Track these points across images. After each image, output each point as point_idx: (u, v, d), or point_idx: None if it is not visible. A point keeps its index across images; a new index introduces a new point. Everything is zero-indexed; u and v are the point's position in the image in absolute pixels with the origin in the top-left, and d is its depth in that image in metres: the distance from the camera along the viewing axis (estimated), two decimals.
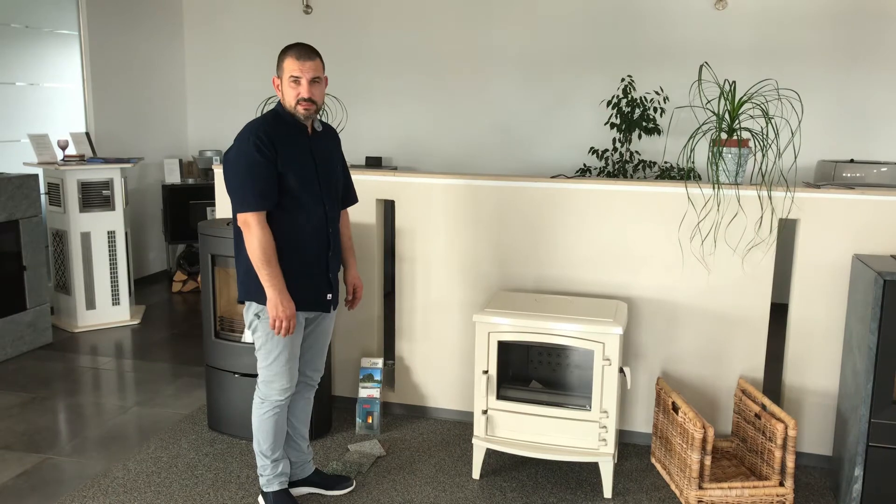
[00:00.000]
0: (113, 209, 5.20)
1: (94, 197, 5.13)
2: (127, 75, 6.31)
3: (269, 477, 2.80)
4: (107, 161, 5.21)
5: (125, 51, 6.27)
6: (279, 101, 2.60)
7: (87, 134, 5.52)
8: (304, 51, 2.52)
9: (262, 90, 6.32)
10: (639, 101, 5.62)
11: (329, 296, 2.70)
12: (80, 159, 5.18)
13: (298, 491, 2.93)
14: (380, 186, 3.64)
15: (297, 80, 2.50)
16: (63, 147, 5.18)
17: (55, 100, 5.75)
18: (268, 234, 2.48)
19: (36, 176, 4.78)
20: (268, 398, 2.70)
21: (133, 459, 3.26)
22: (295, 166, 2.54)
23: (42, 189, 5.24)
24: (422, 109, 6.40)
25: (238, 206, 2.50)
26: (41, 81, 5.63)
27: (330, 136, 2.77)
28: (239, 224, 2.52)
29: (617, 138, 5.71)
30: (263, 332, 2.61)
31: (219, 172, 3.84)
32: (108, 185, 5.17)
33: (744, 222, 3.21)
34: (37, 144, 5.14)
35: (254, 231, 2.47)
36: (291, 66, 2.50)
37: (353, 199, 2.93)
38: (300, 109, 2.52)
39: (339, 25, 6.49)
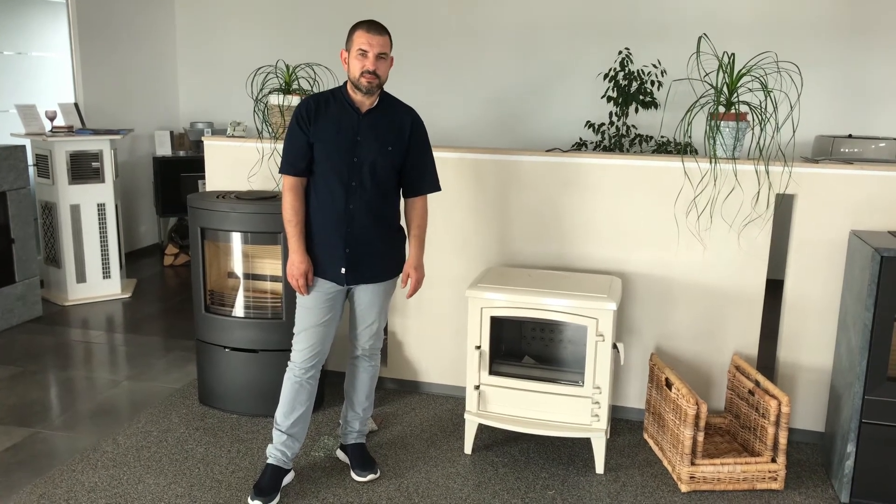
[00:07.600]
0: (103, 181, 5.14)
1: (84, 169, 5.06)
2: (116, 45, 6.21)
3: (273, 445, 2.79)
4: (96, 132, 5.13)
5: (114, 19, 6.16)
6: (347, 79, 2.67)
7: (76, 104, 5.44)
8: (374, 26, 2.59)
9: (254, 61, 6.20)
10: (636, 74, 5.55)
11: (343, 270, 2.68)
12: (69, 130, 5.10)
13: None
14: None
15: (364, 53, 2.56)
16: (51, 118, 5.09)
17: (43, 69, 5.66)
18: (292, 197, 2.65)
19: (23, 147, 4.70)
20: (291, 361, 2.79)
21: (123, 433, 3.24)
22: (327, 140, 2.62)
23: (30, 160, 5.17)
24: (416, 82, 6.31)
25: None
26: (28, 50, 5.53)
27: (395, 116, 2.70)
28: None
29: (614, 112, 5.64)
30: (299, 295, 2.75)
31: (209, 144, 3.78)
32: (97, 156, 5.10)
33: (740, 197, 3.17)
34: (24, 115, 5.06)
35: (284, 191, 2.68)
36: (361, 39, 2.56)
37: (427, 187, 2.79)
38: (363, 81, 2.57)
39: None
